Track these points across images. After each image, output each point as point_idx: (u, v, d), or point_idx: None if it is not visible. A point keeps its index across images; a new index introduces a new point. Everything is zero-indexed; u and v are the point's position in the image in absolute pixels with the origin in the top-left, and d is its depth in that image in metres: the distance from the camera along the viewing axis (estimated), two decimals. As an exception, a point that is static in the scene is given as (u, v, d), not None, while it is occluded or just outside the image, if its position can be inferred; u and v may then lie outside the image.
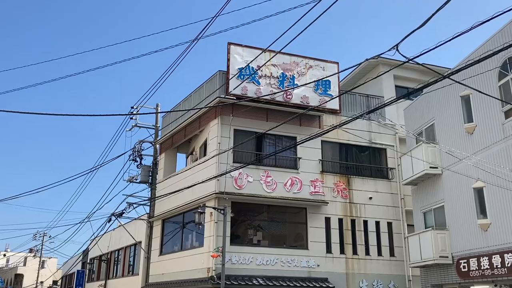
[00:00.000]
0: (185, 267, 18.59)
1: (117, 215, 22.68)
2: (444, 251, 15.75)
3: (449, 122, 16.46)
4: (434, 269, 16.54)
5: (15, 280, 65.16)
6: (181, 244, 20.19)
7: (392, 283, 19.19)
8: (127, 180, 24.04)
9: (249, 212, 18.77)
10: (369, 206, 19.88)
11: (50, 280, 54.01)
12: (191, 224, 18.83)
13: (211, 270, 16.75)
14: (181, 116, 21.21)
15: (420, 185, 17.90)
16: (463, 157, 14.99)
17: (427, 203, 17.44)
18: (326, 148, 20.09)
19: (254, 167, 18.18)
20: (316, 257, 18.34)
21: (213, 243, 17.00)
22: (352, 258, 19.02)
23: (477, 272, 14.28)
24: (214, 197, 17.53)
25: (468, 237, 15.05)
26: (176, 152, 23.97)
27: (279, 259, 17.81)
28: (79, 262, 34.29)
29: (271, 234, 18.95)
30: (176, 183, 20.44)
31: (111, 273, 28.37)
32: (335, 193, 19.45)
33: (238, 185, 17.82)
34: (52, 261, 63.11)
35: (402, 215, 20.18)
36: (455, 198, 15.86)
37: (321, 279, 17.95)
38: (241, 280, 16.67)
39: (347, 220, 19.39)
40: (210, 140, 18.93)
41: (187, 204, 19.05)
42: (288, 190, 18.46)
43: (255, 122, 18.58)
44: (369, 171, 20.68)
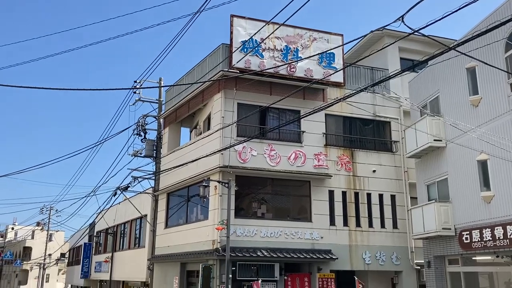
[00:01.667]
0: (190, 240, 18.87)
1: (122, 189, 22.91)
2: (447, 223, 15.88)
3: (454, 94, 16.33)
4: (436, 241, 16.72)
5: (24, 252, 66.45)
6: (186, 217, 20.44)
7: (395, 255, 19.45)
8: (132, 154, 24.17)
9: (253, 185, 18.90)
10: (373, 179, 19.96)
11: (58, 253, 55.06)
12: (195, 198, 19.00)
13: (216, 243, 17.01)
14: (185, 90, 21.13)
15: (424, 158, 17.91)
16: (468, 130, 14.94)
17: (431, 176, 17.48)
18: (330, 121, 20.05)
19: (258, 141, 18.20)
20: (319, 230, 18.56)
21: (217, 216, 17.20)
22: (355, 230, 19.24)
23: (479, 243, 14.43)
24: (218, 171, 17.63)
25: (471, 209, 15.15)
26: (180, 126, 24.00)
27: (283, 231, 18.03)
28: (85, 235, 34.85)
29: (275, 207, 19.13)
30: (180, 157, 20.54)
31: (118, 246, 28.86)
32: (338, 166, 19.51)
33: (242, 159, 17.89)
34: (59, 234, 64.20)
35: (406, 188, 20.28)
36: (459, 170, 15.89)
37: (325, 250, 18.21)
38: (245, 252, 16.93)
39: (350, 193, 19.53)
40: (214, 114, 18.91)
41: (192, 178, 19.18)
42: (291, 164, 18.53)
43: (258, 96, 18.50)
44: (373, 144, 20.68)
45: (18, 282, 64.93)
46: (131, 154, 24.23)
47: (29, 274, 62.71)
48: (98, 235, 32.97)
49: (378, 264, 19.19)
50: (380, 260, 19.22)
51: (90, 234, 35.00)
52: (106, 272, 28.97)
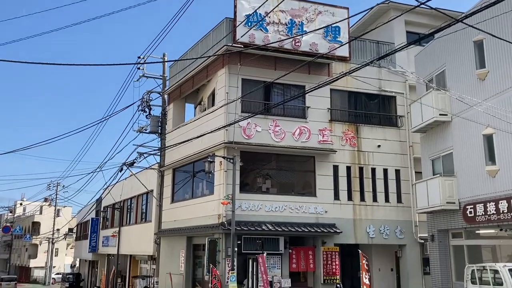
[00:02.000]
0: (196, 214, 19.10)
1: (128, 165, 23.08)
2: (451, 197, 15.95)
3: (461, 68, 16.16)
4: (440, 215, 16.83)
5: (33, 227, 67.60)
6: (192, 192, 20.63)
7: (399, 228, 19.62)
8: (137, 130, 24.25)
9: (257, 161, 18.97)
10: (377, 154, 19.97)
11: (66, 228, 55.97)
12: (201, 173, 19.14)
13: (221, 217, 17.21)
14: (189, 65, 21.01)
15: (429, 132, 17.86)
16: (474, 104, 14.83)
17: (436, 150, 17.47)
18: (335, 96, 19.95)
19: (263, 117, 18.18)
20: (324, 204, 18.70)
21: (223, 191, 17.34)
22: (360, 204, 19.37)
23: (483, 217, 14.52)
24: (223, 147, 17.69)
25: (475, 183, 15.18)
26: (185, 102, 23.97)
27: (287, 205, 18.18)
28: (93, 211, 35.32)
29: (280, 182, 19.24)
30: (185, 133, 20.59)
31: (125, 221, 29.26)
32: (343, 142, 19.50)
33: (247, 135, 17.90)
34: (67, 210, 65.11)
35: (410, 162, 20.29)
36: (464, 145, 15.86)
37: (329, 224, 18.39)
38: (250, 225, 17.14)
39: (355, 168, 19.58)
40: (218, 89, 18.84)
41: (197, 153, 19.27)
42: (296, 139, 18.53)
43: (263, 71, 18.37)
44: (378, 119, 20.61)
45: (28, 256, 66.27)
46: (136, 130, 24.31)
47: (39, 248, 63.93)
48: (105, 210, 33.40)
49: (382, 237, 19.39)
50: (384, 234, 19.41)
51: (97, 209, 35.47)
52: (113, 246, 29.48)
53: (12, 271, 69.15)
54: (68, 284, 39.23)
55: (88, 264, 40.50)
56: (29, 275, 65.60)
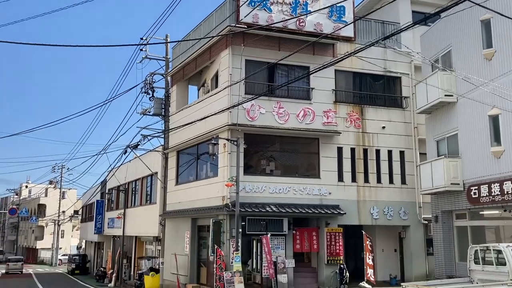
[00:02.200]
0: (201, 196, 19.18)
1: (132, 147, 23.12)
2: (456, 178, 15.92)
3: (467, 48, 15.95)
4: (444, 196, 16.83)
5: (39, 209, 68.25)
6: (196, 174, 20.69)
7: (403, 210, 19.66)
8: (140, 112, 24.21)
9: (261, 143, 18.94)
10: (382, 135, 19.90)
11: (71, 210, 56.48)
12: (205, 155, 19.16)
13: (225, 198, 17.27)
14: (191, 47, 20.84)
15: (434, 113, 17.74)
16: (480, 84, 14.68)
17: (441, 132, 17.38)
18: (340, 77, 19.79)
19: (266, 99, 18.08)
20: (328, 185, 18.72)
21: (227, 173, 17.37)
22: (364, 186, 19.38)
23: (488, 198, 14.51)
24: (227, 129, 17.65)
25: (480, 164, 15.14)
26: (188, 84, 23.85)
27: (291, 187, 18.22)
28: (98, 193, 35.54)
29: (284, 164, 19.24)
30: (188, 115, 20.54)
31: (129, 203, 29.45)
32: (348, 123, 19.42)
33: (251, 117, 17.84)
34: (72, 192, 65.59)
35: (415, 143, 20.23)
36: (469, 126, 15.76)
37: (333, 206, 18.45)
38: (254, 207, 17.22)
39: (359, 150, 19.53)
40: (222, 71, 18.71)
41: (201, 136, 19.26)
42: (300, 121, 18.46)
43: (267, 51, 18.19)
44: (382, 100, 20.48)
45: (34, 237, 67.09)
46: (140, 112, 24.28)
47: (45, 230, 64.66)
48: (110, 193, 33.60)
49: (386, 219, 19.45)
50: (388, 215, 19.46)
51: (102, 192, 35.68)
52: (119, 228, 29.74)
53: (19, 252, 70.11)
54: (75, 265, 39.76)
55: (94, 246, 40.95)
56: (36, 256, 66.50)
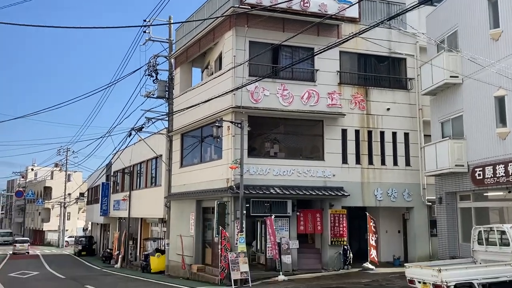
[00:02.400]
0: (205, 178, 19.27)
1: (137, 130, 23.16)
2: (460, 160, 15.90)
3: (474, 28, 15.74)
4: (449, 178, 16.84)
5: (45, 192, 68.84)
6: (200, 157, 20.75)
7: (407, 191, 19.71)
8: (144, 95, 24.21)
9: (265, 125, 18.93)
10: (387, 117, 19.83)
11: (77, 192, 56.96)
12: (209, 138, 19.17)
13: (230, 181, 17.35)
14: (195, 28, 20.68)
15: (439, 95, 17.63)
16: (486, 65, 14.53)
17: (446, 113, 17.29)
18: (345, 59, 19.64)
19: (270, 80, 18.00)
20: (332, 168, 18.75)
21: (231, 156, 17.41)
22: (368, 168, 19.40)
23: (492, 179, 14.50)
24: (231, 111, 17.62)
25: (485, 146, 15.08)
26: (191, 66, 23.74)
27: (295, 169, 18.25)
28: (103, 175, 35.76)
29: (288, 147, 19.26)
30: (192, 97, 20.50)
31: (135, 185, 29.64)
32: (352, 105, 19.34)
33: (255, 99, 17.78)
34: (77, 175, 66.01)
35: (420, 125, 20.16)
36: (475, 107, 15.66)
37: (337, 188, 18.50)
38: (258, 189, 17.29)
39: (364, 132, 19.49)
40: (225, 53, 18.59)
41: (205, 118, 19.25)
42: (304, 103, 18.40)
43: (271, 33, 18.04)
44: (387, 81, 20.35)
45: (41, 219, 67.84)
46: (144, 95, 24.28)
47: (51, 213, 65.32)
48: (115, 175, 33.80)
49: (389, 200, 19.52)
50: (392, 197, 19.52)
51: (107, 174, 35.90)
52: (124, 210, 30.01)
53: (26, 234, 70.95)
54: (81, 246, 40.27)
55: (100, 227, 41.39)
56: (43, 238, 67.36)
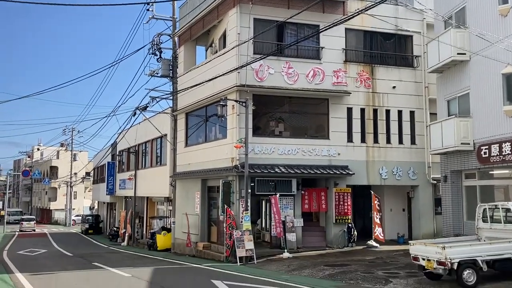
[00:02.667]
0: (210, 158, 19.32)
1: (141, 109, 23.14)
2: (466, 138, 15.81)
3: (482, 4, 15.44)
4: (454, 156, 16.78)
5: (51, 171, 69.39)
6: (205, 136, 20.76)
7: (412, 170, 19.70)
8: (148, 74, 24.08)
9: (270, 104, 18.85)
10: (392, 95, 19.69)
11: (83, 172, 57.37)
12: (214, 117, 19.14)
13: (235, 160, 17.38)
14: (199, 5, 20.43)
15: (445, 72, 17.43)
16: (495, 41, 14.30)
17: (452, 91, 17.13)
18: (350, 36, 19.40)
19: (275, 58, 17.83)
20: (337, 146, 18.72)
21: (236, 135, 17.40)
22: (373, 146, 19.36)
23: (498, 157, 14.44)
24: (235, 90, 17.53)
25: (491, 124, 14.97)
26: (195, 44, 23.54)
27: (300, 148, 18.25)
28: (108, 155, 35.93)
29: (293, 126, 19.21)
30: (196, 76, 20.40)
31: (140, 164, 29.79)
32: (358, 83, 19.19)
33: (259, 78, 17.66)
34: (83, 154, 66.39)
35: (425, 103, 20.02)
36: (482, 85, 15.48)
37: (341, 166, 18.51)
38: (263, 168, 17.33)
39: (369, 110, 19.39)
40: (229, 30, 18.39)
41: (209, 97, 19.17)
42: (310, 82, 18.26)
43: (275, 10, 17.79)
44: (393, 59, 20.13)
45: (48, 199, 68.58)
46: (148, 74, 24.15)
47: (58, 192, 65.96)
48: (121, 154, 33.96)
49: (394, 179, 19.53)
50: (397, 175, 19.53)
51: (113, 154, 36.06)
52: (130, 189, 30.24)
53: (34, 213, 71.87)
54: (88, 225, 40.78)
55: (107, 206, 41.82)
56: (50, 216, 68.22)
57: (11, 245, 28.83)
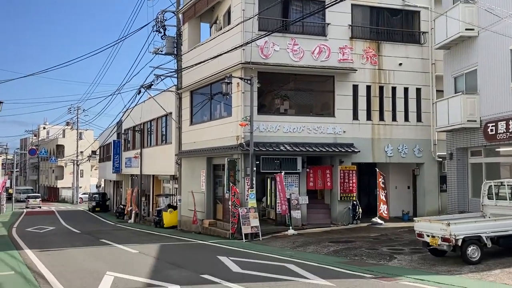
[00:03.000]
0: (215, 136, 19.34)
1: (146, 87, 23.08)
2: (473, 115, 15.70)
3: (492, -22, 15.10)
4: (460, 133, 16.70)
5: (57, 150, 69.86)
6: (210, 114, 20.73)
7: (417, 147, 19.65)
8: (153, 52, 23.93)
9: (275, 81, 18.74)
10: (399, 72, 19.50)
11: (89, 150, 57.70)
12: (219, 95, 19.08)
13: (240, 138, 17.39)
14: (203, -18, 20.14)
15: (453, 49, 17.19)
16: (504, 16, 14.04)
17: (459, 68, 16.93)
18: (356, 12, 19.12)
19: (281, 35, 17.64)
20: (342, 124, 18.66)
21: (241, 113, 17.36)
22: (379, 124, 19.29)
23: (504, 134, 14.35)
24: (240, 67, 17.41)
25: (499, 100, 14.83)
26: (200, 21, 23.30)
27: (305, 126, 18.21)
28: (114, 133, 36.05)
29: (298, 103, 19.12)
30: (201, 54, 20.25)
31: (146, 143, 29.89)
32: (364, 60, 18.99)
33: (264, 55, 17.51)
34: (89, 133, 66.67)
35: (432, 80, 19.83)
36: (490, 61, 15.28)
37: (347, 144, 18.49)
38: (268, 146, 17.34)
39: (375, 87, 19.24)
40: (234, 6, 18.16)
41: (214, 75, 19.07)
42: (315, 59, 18.09)
43: (280, -15, 17.50)
44: (400, 36, 19.86)
45: (55, 177, 69.22)
46: (152, 51, 24.00)
47: (64, 170, 66.53)
48: (126, 133, 34.06)
49: (400, 156, 19.51)
50: (402, 153, 19.50)
51: (118, 132, 36.18)
52: (136, 167, 30.43)
53: (41, 191, 72.68)
54: (95, 203, 41.23)
55: (113, 184, 42.17)
56: (57, 194, 68.97)
57: (19, 223, 29.27)
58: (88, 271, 10.70)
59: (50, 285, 9.25)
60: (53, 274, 10.44)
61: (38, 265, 11.94)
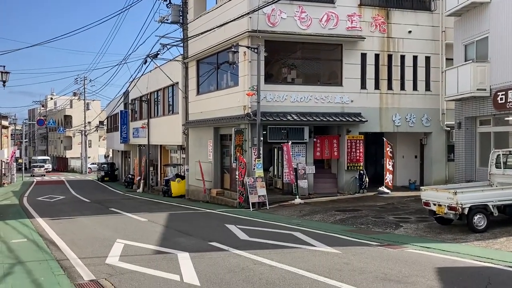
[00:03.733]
0: (222, 106, 19.29)
1: (152, 57, 22.92)
2: (483, 84, 15.48)
3: None
4: (469, 102, 16.52)
5: (65, 120, 70.24)
6: (217, 84, 20.63)
7: (426, 117, 19.51)
8: (158, 20, 23.65)
9: (282, 50, 18.51)
10: (408, 41, 19.17)
11: (96, 121, 57.96)
12: (225, 64, 18.92)
13: (247, 108, 17.33)
14: None
15: (464, 15, 16.80)
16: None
17: (470, 35, 16.58)
18: (365, -23, 18.65)
19: (288, 2, 17.31)
20: (350, 93, 18.51)
21: (247, 82, 17.25)
22: (387, 93, 19.11)
23: (514, 103, 14.18)
24: (247, 36, 17.19)
25: (510, 69, 14.57)
26: (206, -12, 22.88)
27: (313, 96, 18.09)
28: (121, 104, 36.09)
29: (305, 72, 18.94)
30: (207, 22, 19.97)
31: (153, 113, 29.93)
32: (372, 28, 18.65)
33: (271, 23, 17.24)
34: (96, 103, 66.77)
35: (442, 49, 19.49)
36: (502, 28, 14.94)
37: (354, 114, 18.40)
38: (275, 116, 17.30)
39: (384, 56, 18.97)
40: (240, -27, 17.76)
41: (220, 44, 18.86)
42: (323, 26, 17.79)
43: (287, -49, 17.04)
44: (410, 2, 19.42)
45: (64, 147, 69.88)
46: (158, 20, 23.73)
47: (73, 140, 67.07)
48: (133, 103, 34.08)
49: (407, 125, 19.41)
50: (410, 122, 19.39)
51: (125, 102, 36.20)
52: (144, 137, 30.59)
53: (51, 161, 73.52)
54: (104, 172, 41.70)
55: (121, 154, 42.52)
56: (66, 164, 69.78)
57: (30, 192, 29.77)
58: (98, 239, 10.92)
59: (62, 252, 9.47)
60: (65, 241, 10.67)
61: (50, 233, 12.20)
